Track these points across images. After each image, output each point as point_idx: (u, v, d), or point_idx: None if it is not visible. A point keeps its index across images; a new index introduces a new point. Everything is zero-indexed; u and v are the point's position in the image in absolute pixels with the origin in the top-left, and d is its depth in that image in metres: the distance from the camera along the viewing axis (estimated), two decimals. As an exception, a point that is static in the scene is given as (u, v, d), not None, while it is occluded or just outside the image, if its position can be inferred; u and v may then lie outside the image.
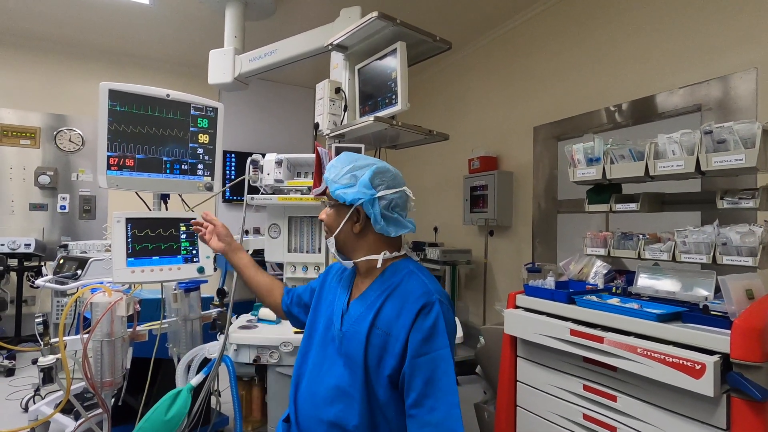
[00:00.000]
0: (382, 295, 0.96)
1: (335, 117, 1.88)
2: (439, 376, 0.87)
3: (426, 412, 0.86)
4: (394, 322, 0.91)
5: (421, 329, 0.88)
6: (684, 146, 1.33)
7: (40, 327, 1.49)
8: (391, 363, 0.89)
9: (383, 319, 0.93)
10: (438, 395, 0.86)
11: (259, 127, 4.85)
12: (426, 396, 0.86)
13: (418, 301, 0.91)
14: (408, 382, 0.88)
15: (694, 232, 1.32)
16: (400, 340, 0.89)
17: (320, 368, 1.00)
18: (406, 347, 0.88)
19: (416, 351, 0.87)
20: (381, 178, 0.97)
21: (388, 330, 0.91)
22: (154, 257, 1.49)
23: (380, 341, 0.91)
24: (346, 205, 0.98)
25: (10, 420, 2.22)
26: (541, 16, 3.03)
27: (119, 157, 1.48)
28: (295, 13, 3.20)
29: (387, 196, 0.97)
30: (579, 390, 1.32)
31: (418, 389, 0.86)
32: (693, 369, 1.00)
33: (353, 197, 0.95)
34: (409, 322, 0.89)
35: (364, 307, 0.97)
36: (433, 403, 0.86)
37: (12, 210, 3.53)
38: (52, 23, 3.54)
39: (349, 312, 1.00)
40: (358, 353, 0.92)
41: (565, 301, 1.37)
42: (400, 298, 0.93)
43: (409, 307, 0.91)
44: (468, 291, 3.68)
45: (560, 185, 2.89)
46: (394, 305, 0.93)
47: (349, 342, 0.95)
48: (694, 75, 2.13)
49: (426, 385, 0.86)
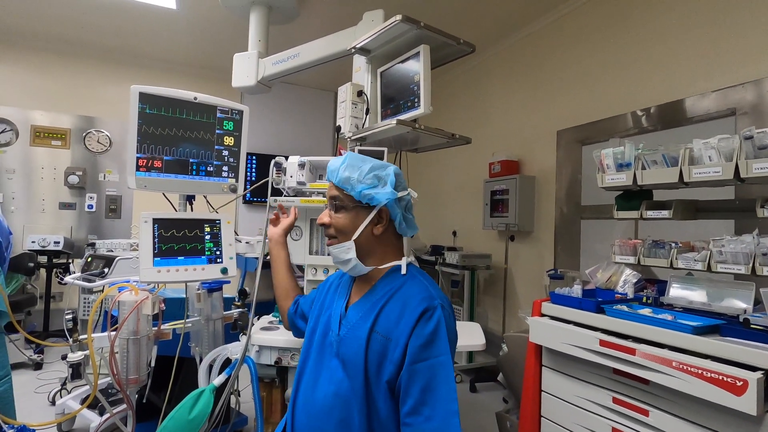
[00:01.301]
0: (383, 298, 0.93)
1: (357, 120, 1.88)
2: (437, 384, 0.84)
3: (423, 420, 0.82)
4: (394, 327, 0.88)
5: (422, 335, 0.85)
6: (722, 152, 1.27)
7: (70, 323, 1.53)
8: (390, 369, 0.87)
9: (383, 323, 0.90)
10: (436, 404, 0.83)
11: (280, 130, 4.91)
12: (423, 404, 0.83)
13: (420, 305, 0.88)
14: (405, 389, 0.85)
15: (732, 242, 1.27)
16: (399, 345, 0.86)
17: (318, 376, 0.97)
18: (405, 353, 0.85)
19: (415, 357, 0.84)
20: (399, 179, 0.99)
21: (387, 335, 0.89)
22: (180, 257, 1.51)
23: (380, 346, 0.89)
24: (368, 206, 0.96)
25: (38, 413, 2.28)
26: (566, 18, 2.98)
27: (148, 159, 1.51)
28: (318, 17, 3.23)
29: (405, 197, 0.99)
30: (608, 403, 1.27)
31: (415, 396, 0.83)
32: (734, 386, 0.95)
33: (384, 197, 0.94)
34: (409, 327, 0.86)
35: (363, 310, 0.95)
36: (430, 412, 0.82)
37: (43, 208, 3.66)
38: (83, 28, 3.67)
39: (348, 316, 0.98)
40: (358, 358, 0.89)
41: (594, 310, 1.32)
42: (401, 302, 0.91)
43: (410, 311, 0.88)
44: (487, 297, 3.62)
45: (584, 190, 2.83)
46: (395, 309, 0.91)
47: (348, 346, 0.92)
48: (726, 78, 2.05)
49: (423, 393, 0.83)
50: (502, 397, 2.59)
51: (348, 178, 0.96)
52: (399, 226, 0.98)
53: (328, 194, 1.01)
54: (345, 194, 0.97)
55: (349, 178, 0.96)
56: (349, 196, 0.97)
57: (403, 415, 0.85)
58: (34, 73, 3.94)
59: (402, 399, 0.86)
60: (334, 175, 0.98)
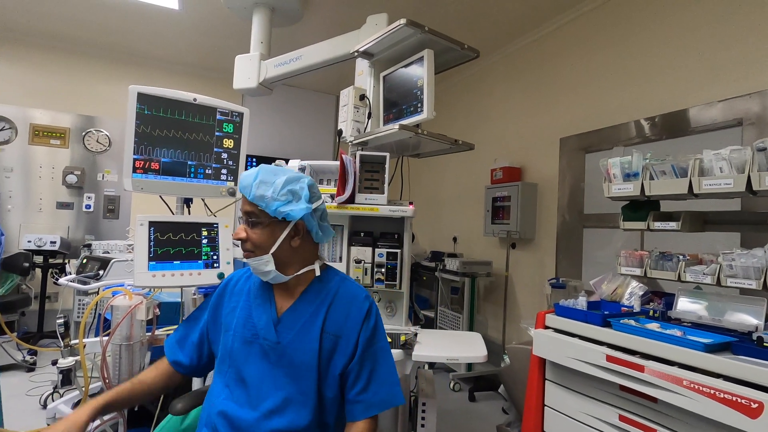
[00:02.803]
0: (325, 301, 1.01)
1: (359, 124, 1.85)
2: (381, 365, 1.00)
3: (372, 395, 0.97)
4: (343, 325, 0.99)
5: (368, 328, 1.00)
6: (733, 163, 1.24)
7: (62, 328, 1.50)
8: (342, 362, 0.97)
9: (331, 323, 0.99)
10: (381, 380, 0.99)
11: (280, 132, 4.88)
12: (371, 382, 0.98)
13: (364, 303, 1.02)
14: (356, 375, 0.97)
15: (743, 255, 1.23)
16: (351, 340, 0.98)
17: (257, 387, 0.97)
18: (357, 345, 0.98)
19: (364, 347, 0.98)
20: (313, 190, 1.02)
21: (338, 333, 0.98)
22: (176, 261, 1.48)
23: (331, 344, 0.98)
24: (284, 221, 0.97)
25: (29, 416, 2.23)
26: (570, 25, 2.96)
27: (145, 161, 1.48)
28: (321, 20, 3.21)
29: (319, 207, 1.02)
30: (614, 420, 1.23)
31: (364, 379, 0.97)
32: (748, 408, 0.91)
33: (299, 213, 0.96)
34: (358, 323, 0.99)
35: (306, 315, 0.99)
36: (378, 388, 0.98)
37: (40, 207, 3.62)
38: (84, 27, 3.65)
39: (284, 323, 0.99)
40: (310, 360, 0.96)
41: (600, 324, 1.29)
42: (345, 302, 1.01)
43: (356, 309, 1.01)
44: (487, 304, 3.59)
45: (587, 199, 2.80)
46: (340, 309, 1.00)
47: (295, 351, 0.96)
48: (732, 88, 2.03)
49: (371, 374, 0.98)
50: (501, 408, 2.55)
51: (262, 196, 0.95)
52: (316, 236, 1.02)
53: (243, 209, 1.00)
54: (260, 210, 0.97)
55: (263, 196, 0.95)
56: (264, 212, 0.97)
57: (354, 395, 0.97)
58: (34, 71, 3.91)
59: (352, 383, 0.98)
60: (247, 191, 0.97)
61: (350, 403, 0.98)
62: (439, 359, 1.50)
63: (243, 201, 1.00)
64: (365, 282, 1.62)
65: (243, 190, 0.98)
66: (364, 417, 0.97)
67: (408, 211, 1.59)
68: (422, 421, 1.56)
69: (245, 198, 0.99)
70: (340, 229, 1.68)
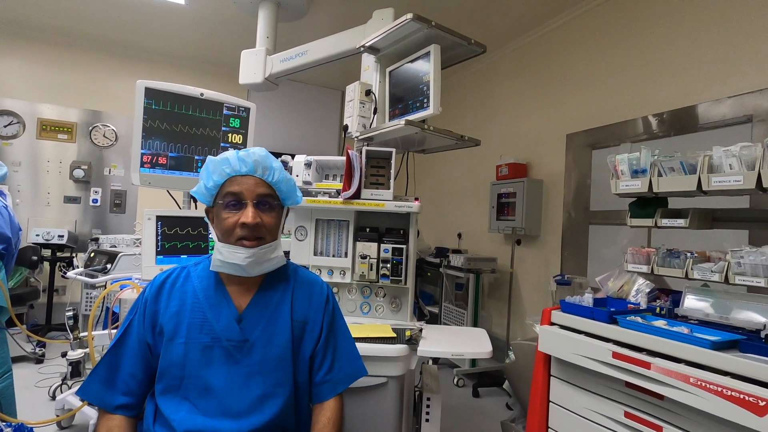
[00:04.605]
0: (286, 291, 1.01)
1: (364, 119, 1.85)
2: (341, 342, 1.04)
3: (337, 372, 1.01)
4: (307, 310, 1.01)
5: (329, 311, 1.04)
6: (743, 160, 1.23)
7: (71, 321, 1.52)
8: (310, 345, 1.00)
9: (297, 310, 1.00)
10: (344, 357, 1.03)
11: (286, 128, 4.89)
12: (336, 361, 1.02)
13: (322, 288, 1.06)
14: (323, 357, 1.01)
15: (752, 253, 1.22)
16: (317, 324, 1.01)
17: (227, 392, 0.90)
18: (321, 329, 1.01)
19: (328, 329, 1.02)
20: None
21: (304, 319, 1.00)
22: (183, 255, 1.49)
23: (299, 331, 1.00)
24: (281, 207, 1.01)
25: (39, 407, 2.27)
26: (577, 20, 2.93)
27: (152, 155, 1.49)
28: (327, 15, 3.20)
29: None
30: (619, 417, 1.23)
31: (330, 359, 1.01)
32: (756, 405, 0.91)
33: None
34: (321, 307, 1.03)
35: (270, 306, 0.98)
36: (341, 364, 1.02)
37: (48, 202, 3.66)
38: (91, 23, 3.66)
39: (247, 319, 0.95)
40: (284, 351, 0.96)
41: (607, 321, 1.28)
42: (305, 288, 1.04)
43: (317, 295, 1.04)
44: (491, 300, 3.59)
45: (593, 195, 2.78)
46: (302, 295, 1.02)
47: (266, 345, 0.95)
48: (742, 84, 2.01)
49: (334, 353, 1.02)
50: (505, 403, 2.56)
51: (284, 179, 0.98)
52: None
53: (256, 191, 0.93)
54: (276, 194, 0.99)
55: (285, 179, 0.98)
56: (276, 195, 0.99)
57: (321, 377, 1.00)
58: (42, 66, 3.94)
59: (319, 364, 1.00)
60: (269, 174, 0.96)
61: (317, 385, 1.00)
62: (444, 355, 1.50)
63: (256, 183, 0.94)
64: (370, 277, 1.62)
65: (259, 171, 0.94)
66: (333, 395, 1.00)
67: (414, 206, 1.59)
68: (426, 416, 1.57)
69: (259, 179, 0.94)
70: (346, 224, 1.69)
